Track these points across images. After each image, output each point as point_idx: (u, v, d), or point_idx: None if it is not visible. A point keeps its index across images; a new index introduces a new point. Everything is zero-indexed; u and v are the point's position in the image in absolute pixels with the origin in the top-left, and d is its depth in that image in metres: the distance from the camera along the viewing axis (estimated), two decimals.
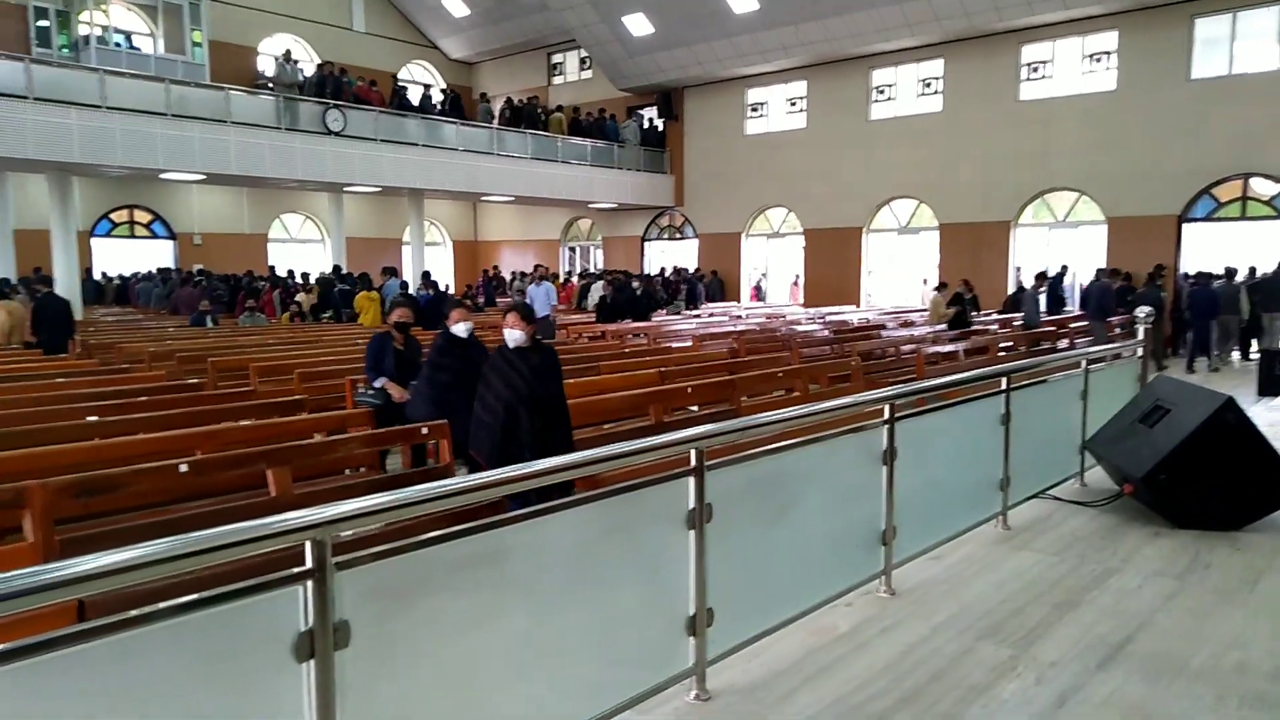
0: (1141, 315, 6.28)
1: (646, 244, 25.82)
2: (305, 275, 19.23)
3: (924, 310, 17.23)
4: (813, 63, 20.93)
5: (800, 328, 13.74)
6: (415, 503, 2.11)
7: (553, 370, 5.09)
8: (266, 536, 1.73)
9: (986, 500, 4.72)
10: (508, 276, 25.24)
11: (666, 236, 25.52)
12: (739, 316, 16.82)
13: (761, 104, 22.89)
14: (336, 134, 17.38)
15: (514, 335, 4.90)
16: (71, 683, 1.53)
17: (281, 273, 20.52)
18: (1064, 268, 17.52)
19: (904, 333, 12.89)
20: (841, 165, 21.04)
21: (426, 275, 17.27)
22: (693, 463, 2.81)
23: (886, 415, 3.76)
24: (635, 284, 17.74)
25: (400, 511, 2.08)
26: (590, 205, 24.14)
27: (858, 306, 20.03)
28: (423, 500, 2.14)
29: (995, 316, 15.24)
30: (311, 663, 1.78)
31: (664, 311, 18.27)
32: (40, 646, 1.49)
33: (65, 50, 18.26)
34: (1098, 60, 17.59)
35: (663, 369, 8.13)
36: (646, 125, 24.36)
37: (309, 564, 1.78)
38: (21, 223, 16.80)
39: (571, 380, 7.61)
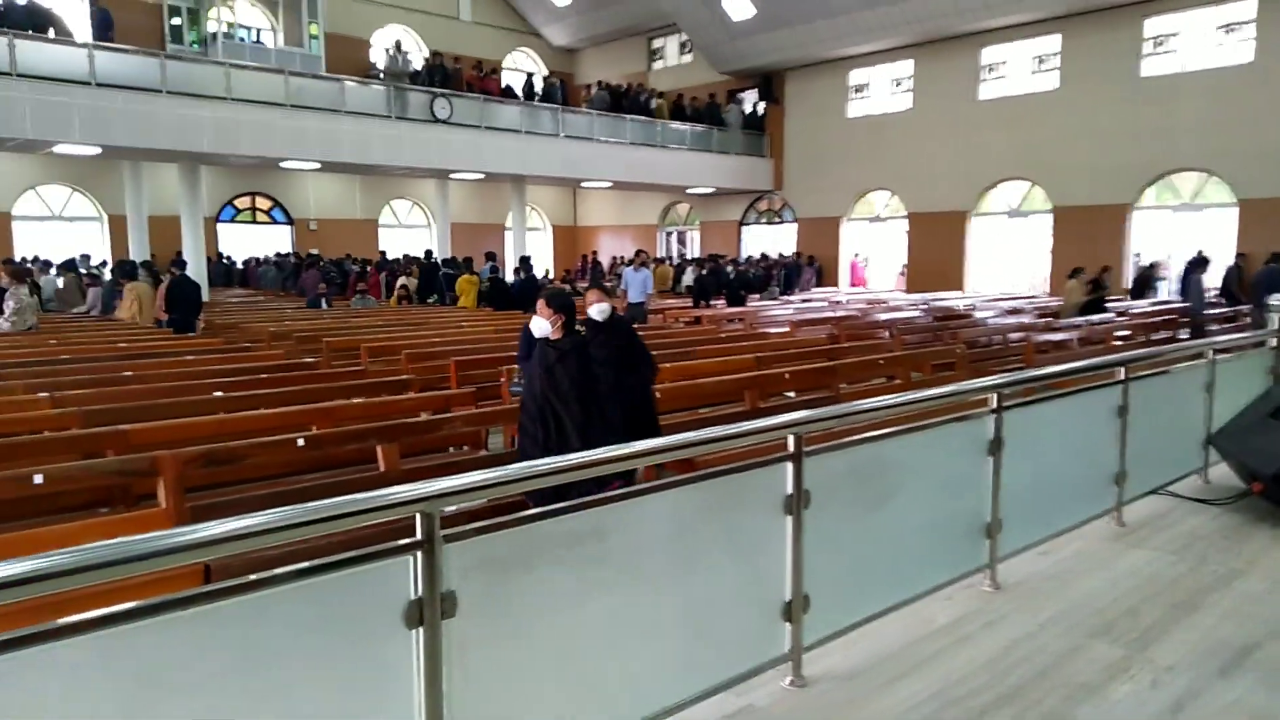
0: (1276, 302, 5.88)
1: (744, 228, 25.63)
2: (411, 259, 19.88)
3: (1031, 297, 16.58)
4: (919, 41, 20.30)
5: (902, 314, 13.41)
6: (517, 480, 2.17)
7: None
8: (380, 508, 1.82)
9: (1100, 495, 4.52)
10: (605, 261, 25.50)
11: (765, 221, 25.27)
12: (839, 302, 16.54)
13: (864, 85, 22.36)
14: (443, 122, 17.83)
15: (540, 325, 4.64)
16: (198, 639, 1.64)
17: (392, 256, 21.30)
18: (1200, 253, 16.52)
19: (1011, 320, 12.43)
20: (948, 147, 20.37)
21: (524, 260, 17.59)
22: (791, 448, 2.79)
23: (994, 404, 3.65)
24: (728, 268, 17.65)
25: (504, 488, 2.14)
26: (688, 190, 24.09)
27: (963, 292, 19.41)
28: (524, 478, 2.20)
29: (1146, 304, 14.43)
30: (420, 630, 1.86)
31: (757, 296, 18.12)
32: (172, 604, 1.60)
33: (195, 46, 19.30)
34: (1231, 31, 16.47)
35: (759, 354, 8.08)
36: (749, 109, 24.11)
37: (419, 535, 1.86)
38: (154, 209, 17.88)
39: (666, 365, 7.66)
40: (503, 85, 21.13)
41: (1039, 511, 4.06)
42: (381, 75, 18.83)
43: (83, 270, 16.33)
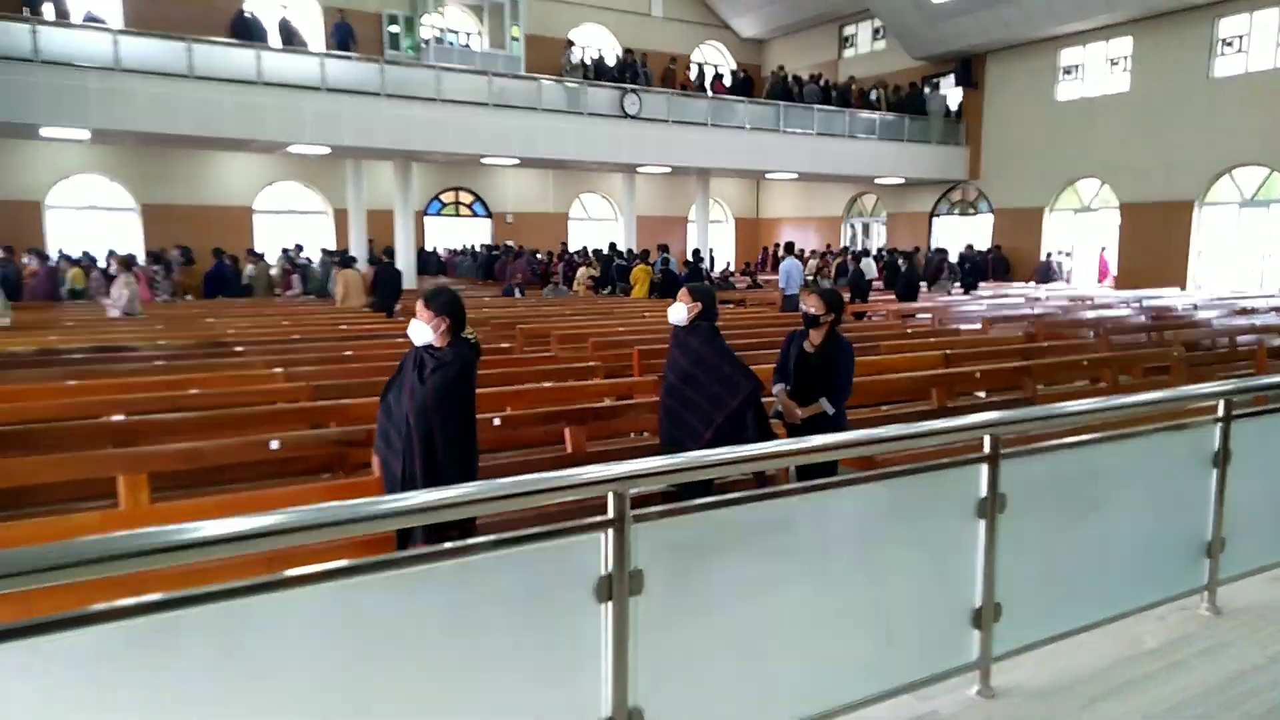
0: None
1: (935, 220, 24.53)
2: (595, 251, 20.50)
3: (1269, 295, 14.88)
4: (1141, 16, 18.62)
5: (1110, 313, 12.41)
6: (701, 466, 2.22)
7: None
8: (576, 485, 1.92)
9: None
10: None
11: (958, 212, 24.07)
12: (1037, 299, 15.51)
13: (1076, 66, 20.77)
14: (632, 117, 18.22)
15: (418, 330, 3.72)
16: (409, 598, 1.79)
17: (574, 249, 22.10)
18: None
19: (1241, 321, 11.21)
20: (1171, 130, 18.58)
21: (695, 253, 17.77)
22: (987, 449, 2.68)
23: (1220, 412, 3.33)
24: (900, 261, 16.99)
25: (690, 473, 2.19)
26: (876, 180, 23.35)
27: (1183, 290, 17.67)
28: (709, 465, 2.24)
29: None
30: (610, 604, 1.95)
31: (930, 289, 17.37)
32: (385, 565, 1.76)
33: (410, 51, 20.73)
34: None
35: (948, 351, 7.74)
36: (946, 95, 23.05)
37: (610, 514, 1.94)
38: (370, 204, 19.40)
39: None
40: (691, 79, 21.32)
41: (1271, 532, 3.67)
42: (578, 71, 19.50)
43: (290, 259, 18.08)
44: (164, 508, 3.99)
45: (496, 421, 5.10)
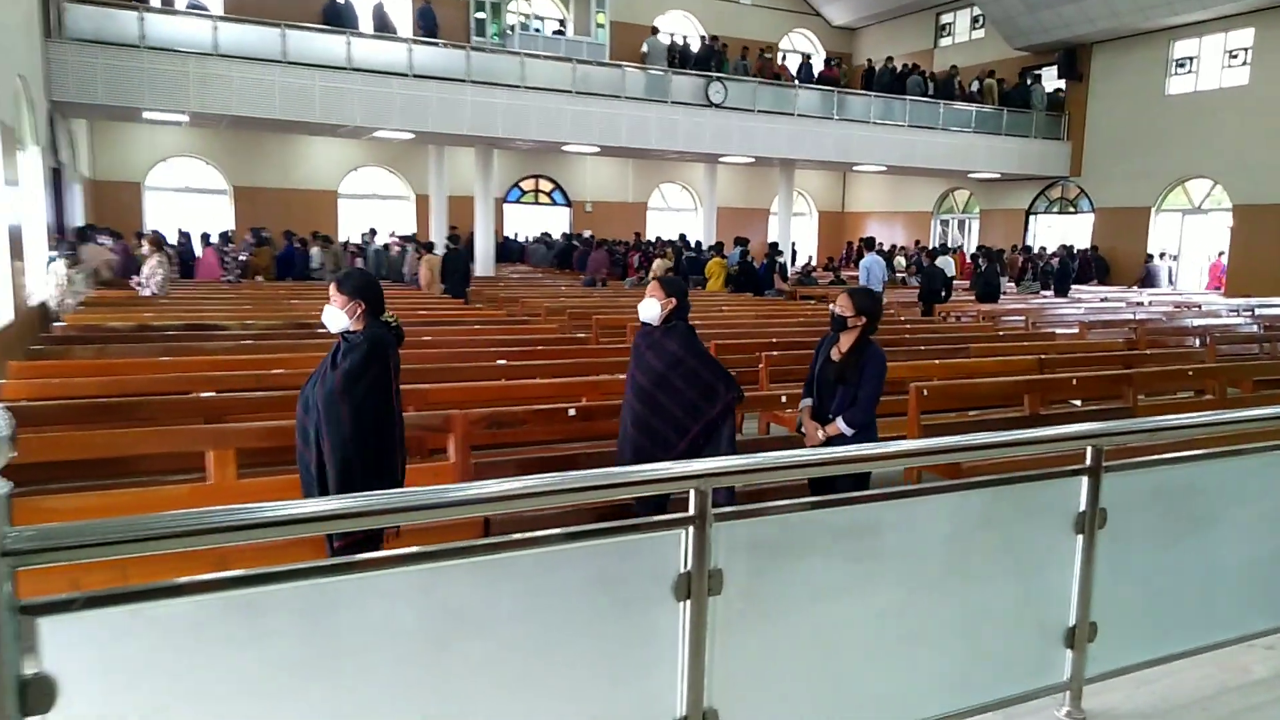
0: None
1: (1031, 217, 23.66)
2: (667, 242, 20.40)
3: None
4: (1265, 5, 17.56)
5: (1218, 320, 11.78)
6: (786, 466, 2.15)
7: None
8: (658, 480, 1.87)
9: None
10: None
11: (1056, 210, 23.17)
12: (1139, 303, 14.84)
13: (1189, 59, 19.73)
14: (716, 106, 18.05)
15: (332, 316, 3.42)
16: (488, 585, 1.77)
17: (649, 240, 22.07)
18: None
19: None
20: None
21: (774, 246, 17.57)
22: (1088, 461, 2.53)
23: None
24: (980, 260, 16.41)
25: (772, 473, 2.13)
26: (970, 175, 22.63)
27: None
28: (794, 465, 2.17)
29: None
30: (688, 602, 1.90)
31: (1014, 290, 16.73)
32: (466, 550, 1.74)
33: (495, 38, 20.96)
34: None
35: (1043, 356, 7.45)
36: (1048, 87, 22.18)
37: (691, 511, 1.89)
38: (451, 190, 19.70)
39: (935, 361, 7.27)
40: (778, 67, 21.03)
41: None
42: (647, 58, 19.43)
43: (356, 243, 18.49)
44: (249, 483, 4.10)
45: (571, 412, 5.10)
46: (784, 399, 5.84)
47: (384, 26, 17.32)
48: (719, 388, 3.98)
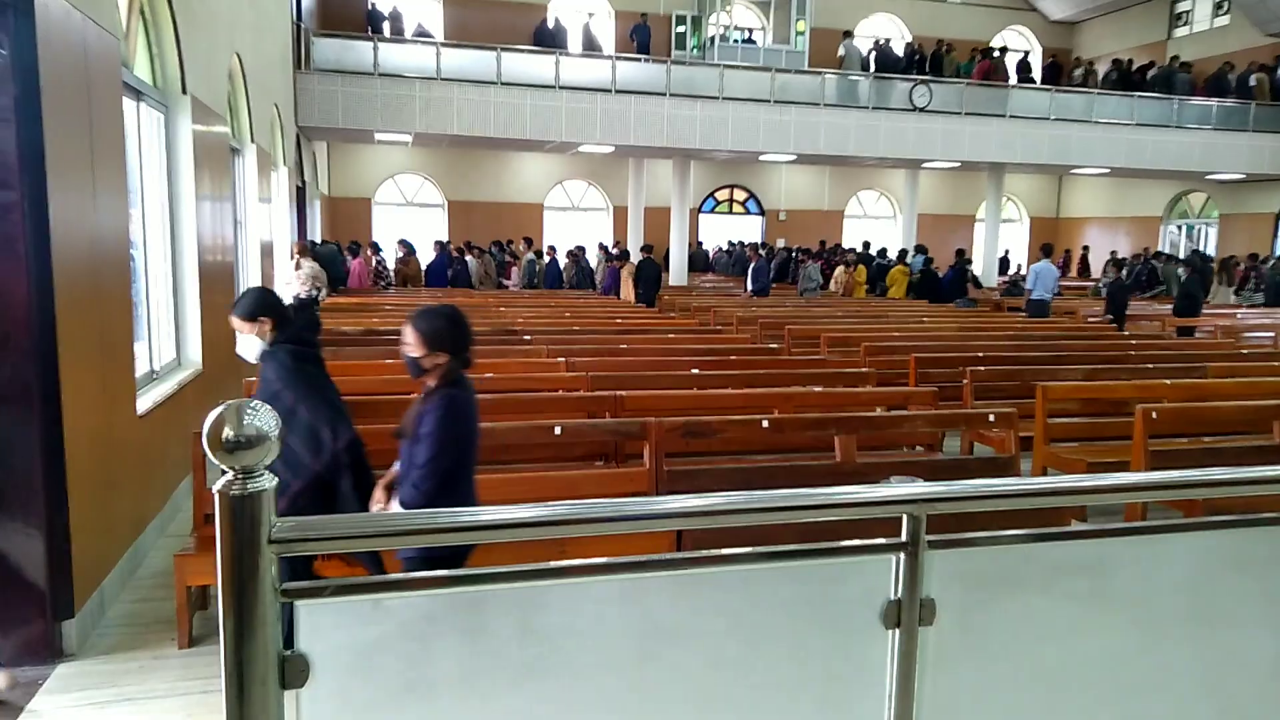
0: None
1: None
2: (855, 250, 19.77)
3: None
4: None
5: None
6: (1010, 494, 2.02)
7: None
8: (870, 503, 1.82)
9: None
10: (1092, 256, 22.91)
11: None
12: None
13: None
14: (921, 110, 17.38)
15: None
16: (686, 599, 1.78)
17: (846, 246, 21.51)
18: None
19: None
20: None
21: (960, 253, 16.62)
22: None
23: None
24: (1179, 269, 14.79)
25: (995, 501, 2.00)
26: (1209, 177, 20.47)
27: None
28: (1018, 493, 2.04)
29: None
30: (897, 631, 1.83)
31: (1234, 300, 14.94)
32: (668, 564, 1.75)
33: (696, 51, 21.24)
34: None
35: None
36: None
37: (904, 537, 1.82)
38: (648, 201, 20.15)
39: (1165, 381, 6.62)
40: (990, 67, 19.93)
41: None
42: (843, 63, 18.95)
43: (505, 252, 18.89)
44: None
45: (765, 424, 5.06)
46: (991, 418, 5.51)
47: (591, 45, 18.04)
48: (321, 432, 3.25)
